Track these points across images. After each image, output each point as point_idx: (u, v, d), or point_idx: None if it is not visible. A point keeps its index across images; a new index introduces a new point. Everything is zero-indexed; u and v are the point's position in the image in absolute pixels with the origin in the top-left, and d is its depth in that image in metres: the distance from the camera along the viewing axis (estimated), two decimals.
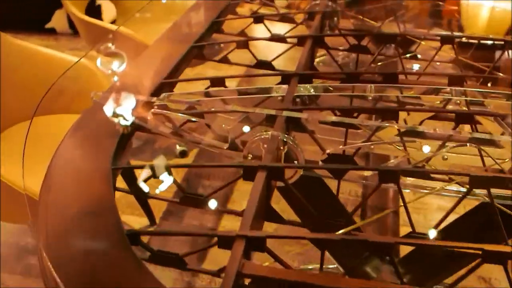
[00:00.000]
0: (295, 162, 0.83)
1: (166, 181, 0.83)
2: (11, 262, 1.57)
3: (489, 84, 1.19)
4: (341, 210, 1.04)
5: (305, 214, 0.85)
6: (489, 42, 1.31)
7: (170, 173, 0.81)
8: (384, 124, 0.88)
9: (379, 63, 1.26)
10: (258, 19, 1.38)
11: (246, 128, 0.94)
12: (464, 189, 0.80)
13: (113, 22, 2.68)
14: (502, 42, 1.25)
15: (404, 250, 0.92)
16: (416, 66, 1.40)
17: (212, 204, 0.81)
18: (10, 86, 1.48)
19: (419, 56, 1.33)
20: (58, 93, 1.09)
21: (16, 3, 3.40)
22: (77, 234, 0.74)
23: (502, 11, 1.93)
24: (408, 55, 1.32)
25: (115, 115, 0.94)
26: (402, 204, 0.76)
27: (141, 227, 1.50)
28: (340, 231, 0.73)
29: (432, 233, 0.74)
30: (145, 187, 0.86)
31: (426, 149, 0.92)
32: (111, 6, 2.66)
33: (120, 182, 0.86)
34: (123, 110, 0.96)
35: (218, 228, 1.53)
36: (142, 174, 0.85)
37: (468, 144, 0.83)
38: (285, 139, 0.83)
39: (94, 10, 2.60)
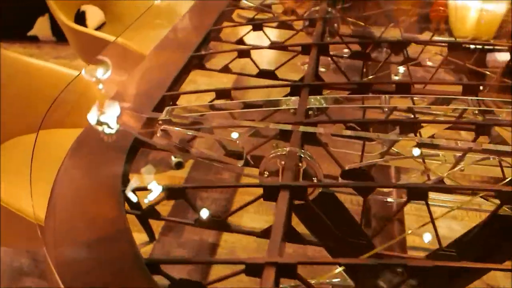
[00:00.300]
0: (314, 178, 0.80)
1: (155, 190, 0.79)
2: (6, 284, 1.51)
3: (480, 88, 1.17)
4: (353, 225, 1.01)
5: (323, 232, 0.82)
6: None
7: (185, 197, 0.77)
8: (401, 138, 0.85)
9: (372, 75, 1.24)
10: (257, 26, 1.34)
11: (235, 135, 0.91)
12: (484, 201, 0.79)
13: (99, 27, 2.62)
14: (506, 48, 1.24)
15: None
16: (401, 69, 1.38)
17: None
18: (4, 99, 1.42)
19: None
20: (53, 107, 1.04)
21: None
22: (91, 260, 0.70)
23: (491, 13, 1.93)
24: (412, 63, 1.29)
25: (100, 123, 0.92)
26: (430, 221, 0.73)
27: (140, 244, 1.45)
28: (367, 255, 0.69)
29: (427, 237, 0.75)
30: (133, 197, 0.82)
31: (416, 152, 0.89)
32: (98, 12, 2.59)
33: None
34: (108, 118, 0.93)
35: (219, 243, 1.49)
36: (131, 183, 0.82)
37: (491, 158, 0.80)
38: (303, 155, 0.79)
39: (79, 17, 2.54)
